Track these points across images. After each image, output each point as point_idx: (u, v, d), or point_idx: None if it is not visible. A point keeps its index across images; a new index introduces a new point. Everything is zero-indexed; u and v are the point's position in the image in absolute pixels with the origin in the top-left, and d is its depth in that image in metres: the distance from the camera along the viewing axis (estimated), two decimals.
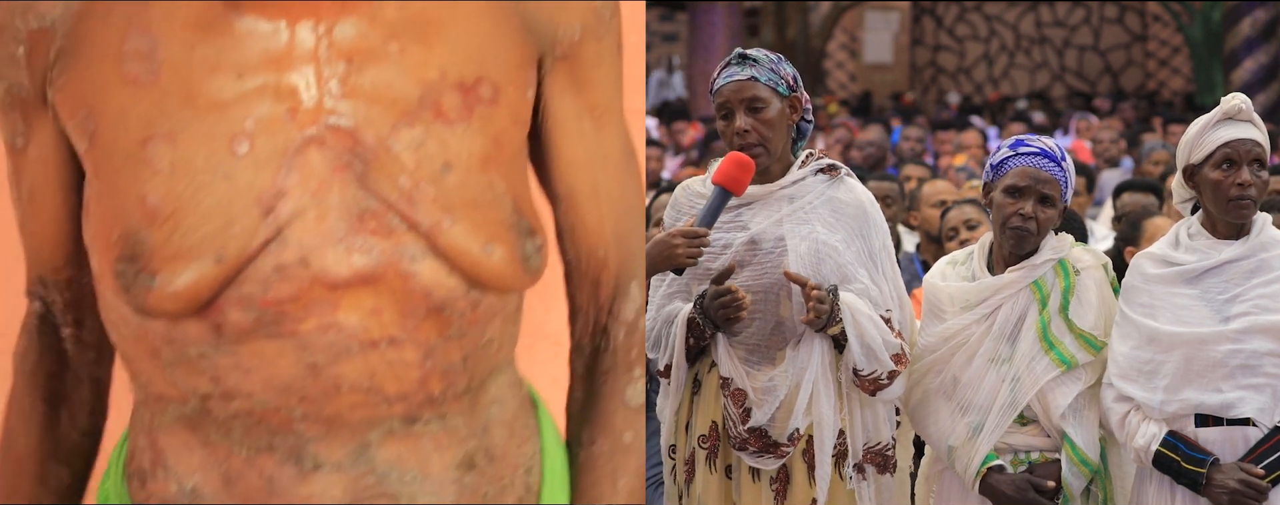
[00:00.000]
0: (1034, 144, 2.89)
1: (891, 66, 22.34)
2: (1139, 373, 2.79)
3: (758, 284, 2.81)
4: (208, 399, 2.13)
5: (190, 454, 2.20)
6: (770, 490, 2.83)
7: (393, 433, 2.17)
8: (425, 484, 2.20)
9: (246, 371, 2.09)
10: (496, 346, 2.22)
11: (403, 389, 2.14)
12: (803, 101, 2.88)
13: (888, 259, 2.88)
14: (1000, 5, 22.65)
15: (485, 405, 2.26)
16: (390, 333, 2.09)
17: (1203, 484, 2.73)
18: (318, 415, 2.13)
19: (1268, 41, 17.01)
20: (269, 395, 2.11)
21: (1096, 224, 6.06)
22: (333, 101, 2.04)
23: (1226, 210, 2.76)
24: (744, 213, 2.85)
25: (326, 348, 2.08)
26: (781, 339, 2.83)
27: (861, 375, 2.80)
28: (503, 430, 2.29)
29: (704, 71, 17.14)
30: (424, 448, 2.20)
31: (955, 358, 2.90)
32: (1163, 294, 2.80)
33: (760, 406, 2.80)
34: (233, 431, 2.15)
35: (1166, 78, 22.38)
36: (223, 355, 2.08)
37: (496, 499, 2.27)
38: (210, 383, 2.11)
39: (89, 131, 2.08)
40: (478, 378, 2.22)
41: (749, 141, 2.80)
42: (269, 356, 2.08)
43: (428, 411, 2.18)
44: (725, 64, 2.87)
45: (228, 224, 2.01)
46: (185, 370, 2.11)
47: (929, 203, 5.27)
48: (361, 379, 2.11)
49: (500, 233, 2.09)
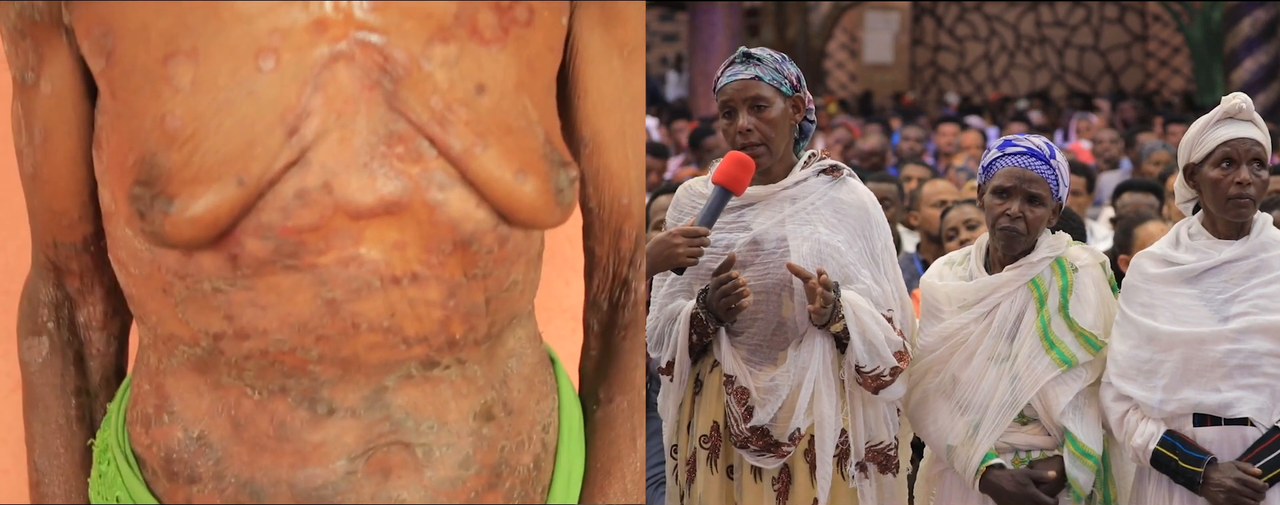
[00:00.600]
0: (1021, 143, 2.89)
1: (891, 66, 22.34)
2: (1138, 372, 2.80)
3: (760, 284, 2.81)
4: (220, 339, 2.04)
5: (198, 398, 2.12)
6: (772, 490, 2.83)
7: (410, 377, 2.09)
8: (442, 432, 2.12)
9: (262, 308, 2.00)
10: (520, 291, 2.14)
11: (423, 330, 2.05)
12: (805, 102, 2.88)
13: (890, 259, 2.88)
14: (1000, 5, 22.65)
15: (504, 357, 2.18)
16: (413, 268, 2.00)
17: (1200, 483, 2.73)
18: (334, 356, 2.04)
19: (1268, 41, 17.01)
20: (285, 334, 2.02)
21: (1097, 224, 6.07)
22: (363, 14, 1.94)
23: (1225, 209, 2.77)
24: (746, 213, 2.85)
25: (346, 283, 1.99)
26: (783, 339, 2.83)
27: (864, 372, 2.81)
28: (521, 384, 2.22)
29: (704, 71, 17.14)
30: (442, 394, 2.11)
31: (954, 357, 2.91)
32: (1162, 293, 2.80)
33: (763, 405, 2.81)
34: (245, 373, 2.07)
35: (1166, 78, 22.38)
36: (238, 290, 2.00)
37: (514, 455, 2.20)
38: (223, 320, 2.02)
39: (107, 50, 1.99)
40: (498, 324, 2.14)
41: (751, 141, 2.80)
42: (286, 291, 1.99)
43: (447, 355, 2.09)
44: (729, 62, 2.87)
45: (250, 145, 1.90)
46: (198, 307, 2.03)
47: (929, 203, 5.27)
48: (381, 318, 2.02)
49: (533, 162, 1.99)
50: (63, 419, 2.26)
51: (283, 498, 2.09)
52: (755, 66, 2.82)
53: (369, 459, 2.09)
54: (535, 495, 2.26)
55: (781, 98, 2.82)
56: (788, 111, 2.84)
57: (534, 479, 2.25)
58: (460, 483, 2.14)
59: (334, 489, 2.09)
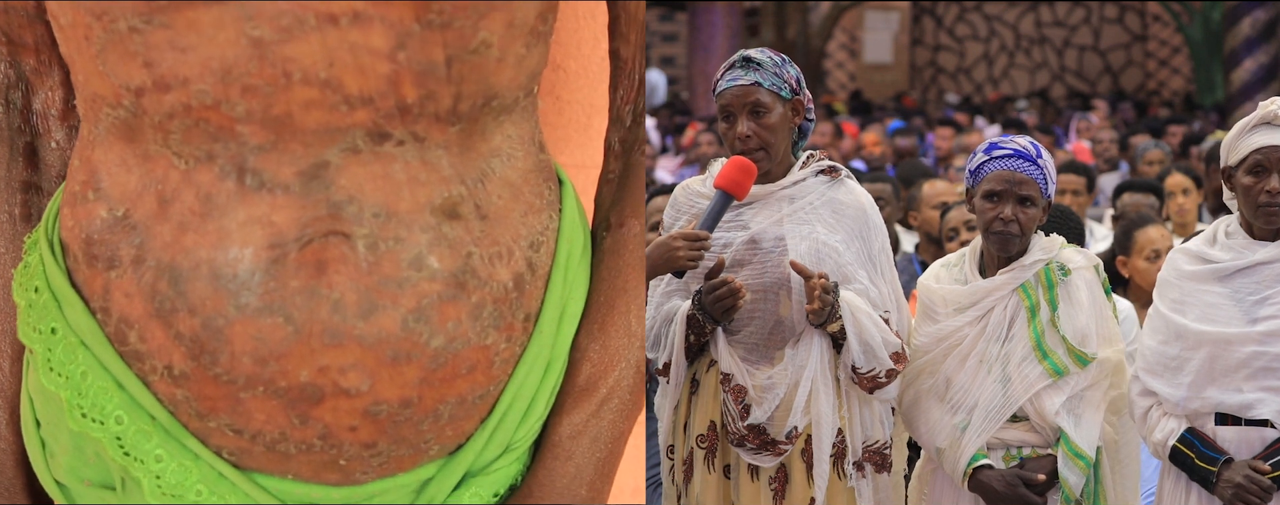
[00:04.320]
0: (1007, 145, 2.89)
1: (891, 66, 22.32)
2: (1165, 368, 2.81)
3: (757, 283, 2.82)
4: (142, 94, 1.88)
5: (127, 174, 1.96)
6: (769, 489, 2.84)
7: (356, 152, 1.87)
8: (390, 224, 1.90)
9: (181, 50, 1.82)
10: (496, 59, 1.91)
11: (367, 87, 1.83)
12: (805, 103, 2.89)
13: (886, 261, 2.89)
14: (1000, 5, 22.63)
15: (484, 153, 1.97)
16: (354, 5, 1.78)
17: (1214, 482, 2.75)
18: (264, 114, 1.84)
19: (1268, 41, 16.98)
20: (207, 82, 1.83)
21: (1098, 225, 6.08)
22: None
23: (1256, 216, 2.78)
24: (745, 212, 2.86)
25: (274, 18, 1.78)
26: (780, 338, 2.84)
27: (860, 373, 2.81)
28: (504, 190, 2.01)
29: (704, 72, 17.13)
30: (395, 178, 1.89)
31: (948, 359, 2.91)
32: (1193, 290, 2.81)
33: (760, 404, 2.81)
34: (171, 137, 1.90)
35: (1166, 78, 22.36)
36: (155, 28, 1.83)
37: (485, 266, 1.99)
38: (143, 69, 1.86)
39: None
40: (468, 99, 1.91)
41: (751, 146, 2.81)
42: (206, 29, 1.80)
43: (399, 127, 1.87)
44: (729, 66, 2.86)
45: None
46: (117, 54, 1.87)
47: (929, 203, 5.27)
48: (316, 66, 1.81)
49: None
50: (5, 216, 2.13)
51: (202, 288, 1.93)
52: (755, 72, 2.82)
53: (303, 247, 1.91)
54: (515, 323, 2.06)
55: (781, 102, 2.83)
56: (786, 115, 2.84)
57: (513, 302, 2.06)
58: (409, 285, 1.94)
59: (258, 278, 1.91)
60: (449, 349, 1.98)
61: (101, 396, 2.06)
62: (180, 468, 2.05)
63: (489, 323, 2.02)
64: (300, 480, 2.06)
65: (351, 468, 2.04)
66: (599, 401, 2.19)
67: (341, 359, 1.93)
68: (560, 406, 2.20)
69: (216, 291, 1.92)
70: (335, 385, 1.96)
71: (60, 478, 2.19)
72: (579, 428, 2.20)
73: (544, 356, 2.15)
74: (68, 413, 2.09)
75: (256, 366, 1.94)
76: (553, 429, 2.21)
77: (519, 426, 2.16)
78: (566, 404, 2.20)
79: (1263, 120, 2.79)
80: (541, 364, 2.15)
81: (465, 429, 2.12)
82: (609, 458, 2.21)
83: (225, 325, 1.93)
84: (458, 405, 2.06)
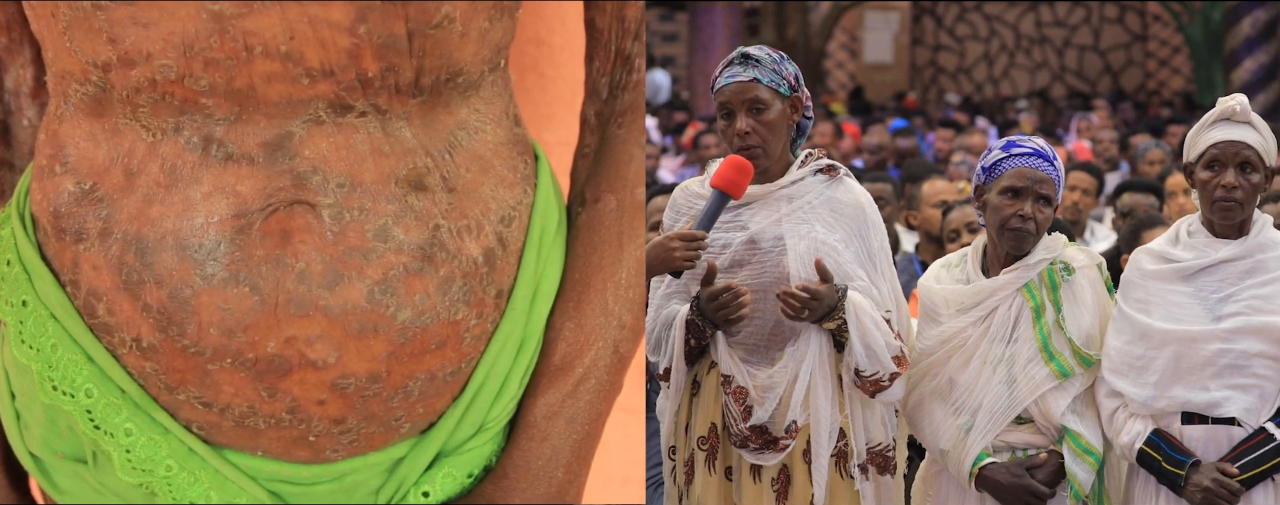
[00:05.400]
0: (1026, 144, 2.89)
1: (891, 66, 22.32)
2: (1130, 368, 2.80)
3: (756, 283, 2.80)
4: (108, 70, 1.92)
5: (94, 147, 1.99)
6: (771, 491, 2.83)
7: (319, 123, 1.91)
8: (354, 194, 1.93)
9: (144, 26, 1.86)
10: (459, 35, 1.94)
11: (328, 60, 1.87)
12: (803, 100, 2.88)
13: (886, 260, 2.88)
14: (1000, 5, 22.63)
15: (451, 126, 1.99)
16: None
17: (1182, 485, 2.74)
18: (227, 87, 1.88)
19: (1268, 41, 16.99)
20: (171, 57, 1.87)
21: (1099, 225, 6.07)
22: None
23: (1213, 211, 2.77)
24: (743, 212, 2.85)
25: None
26: (780, 339, 2.83)
27: (863, 376, 2.80)
28: (473, 164, 2.03)
29: (704, 71, 17.14)
30: (358, 148, 1.92)
31: (952, 360, 2.90)
32: (1158, 290, 2.80)
33: (761, 404, 2.80)
34: (139, 111, 1.93)
35: (1166, 78, 22.36)
36: (118, 5, 1.86)
37: (453, 239, 2.01)
38: (108, 45, 1.89)
39: None
40: (429, 72, 1.94)
41: (749, 143, 2.80)
42: (167, 4, 1.84)
43: (361, 100, 1.91)
44: (728, 63, 2.85)
45: None
46: (83, 31, 1.90)
47: (929, 203, 5.26)
48: (277, 39, 1.85)
49: None
50: None
51: (168, 259, 1.95)
52: (754, 68, 2.82)
53: (268, 217, 1.94)
54: (486, 299, 2.06)
55: (779, 99, 2.82)
56: (785, 112, 2.83)
57: (484, 277, 2.06)
58: (375, 256, 1.96)
59: (223, 248, 1.93)
60: (417, 322, 1.98)
61: (72, 369, 2.07)
62: (150, 442, 2.06)
63: (458, 297, 2.02)
64: (270, 457, 2.06)
65: (321, 444, 2.04)
66: (575, 381, 2.18)
67: (308, 329, 1.94)
68: (535, 386, 2.19)
69: (182, 262, 1.94)
70: (302, 356, 1.96)
71: (34, 450, 2.20)
72: (555, 408, 2.19)
73: (517, 334, 2.14)
74: (39, 385, 2.10)
75: (223, 337, 1.95)
76: (528, 409, 2.19)
77: (492, 405, 2.15)
78: (541, 384, 2.19)
79: (1222, 116, 2.78)
80: (515, 342, 2.14)
81: (437, 407, 2.11)
82: (586, 439, 2.20)
83: (191, 296, 1.94)
84: (428, 382, 2.05)
